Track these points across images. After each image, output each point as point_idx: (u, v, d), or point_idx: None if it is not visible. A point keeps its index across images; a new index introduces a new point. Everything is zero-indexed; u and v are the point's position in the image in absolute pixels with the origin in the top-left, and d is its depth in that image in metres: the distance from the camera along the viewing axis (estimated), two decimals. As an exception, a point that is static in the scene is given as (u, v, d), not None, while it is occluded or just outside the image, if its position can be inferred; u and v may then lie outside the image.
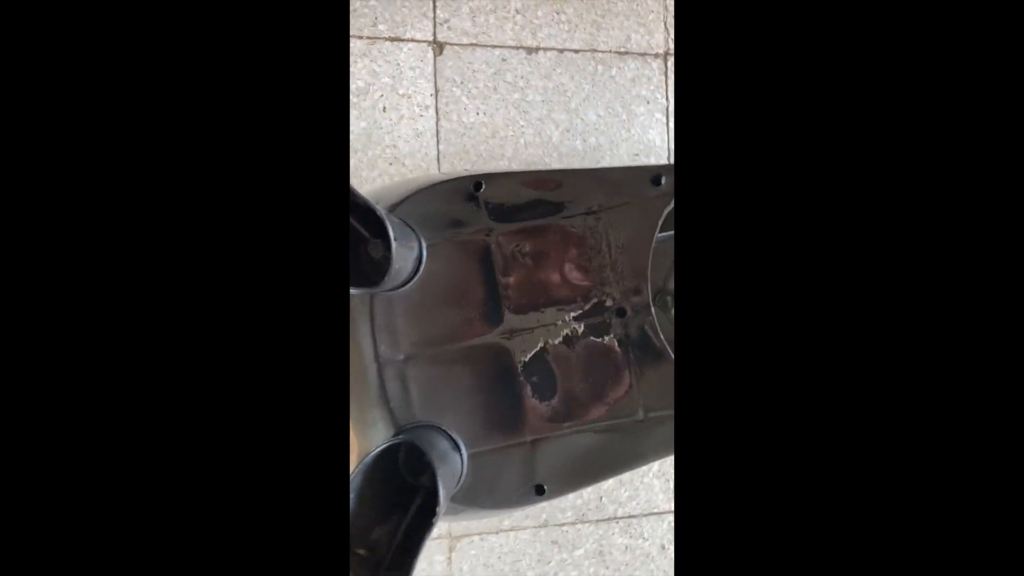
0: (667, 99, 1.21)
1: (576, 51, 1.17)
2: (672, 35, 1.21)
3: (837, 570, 0.36)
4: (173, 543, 0.35)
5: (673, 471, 1.25)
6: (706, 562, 0.37)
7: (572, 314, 0.76)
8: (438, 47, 1.12)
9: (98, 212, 0.35)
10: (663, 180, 0.75)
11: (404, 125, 1.11)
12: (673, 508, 1.24)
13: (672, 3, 1.21)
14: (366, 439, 0.76)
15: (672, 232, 0.90)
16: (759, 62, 0.40)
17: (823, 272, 0.38)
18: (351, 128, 1.08)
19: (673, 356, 0.78)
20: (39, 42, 0.35)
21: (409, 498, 0.68)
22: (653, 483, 1.23)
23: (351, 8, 1.08)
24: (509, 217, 0.76)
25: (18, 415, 0.34)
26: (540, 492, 0.76)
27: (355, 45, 1.08)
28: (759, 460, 0.38)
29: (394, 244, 0.61)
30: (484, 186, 0.76)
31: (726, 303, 0.39)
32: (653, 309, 0.77)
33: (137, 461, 0.35)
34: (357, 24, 1.08)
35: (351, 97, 1.08)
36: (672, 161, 1.21)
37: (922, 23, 0.38)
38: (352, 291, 0.67)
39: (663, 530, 1.23)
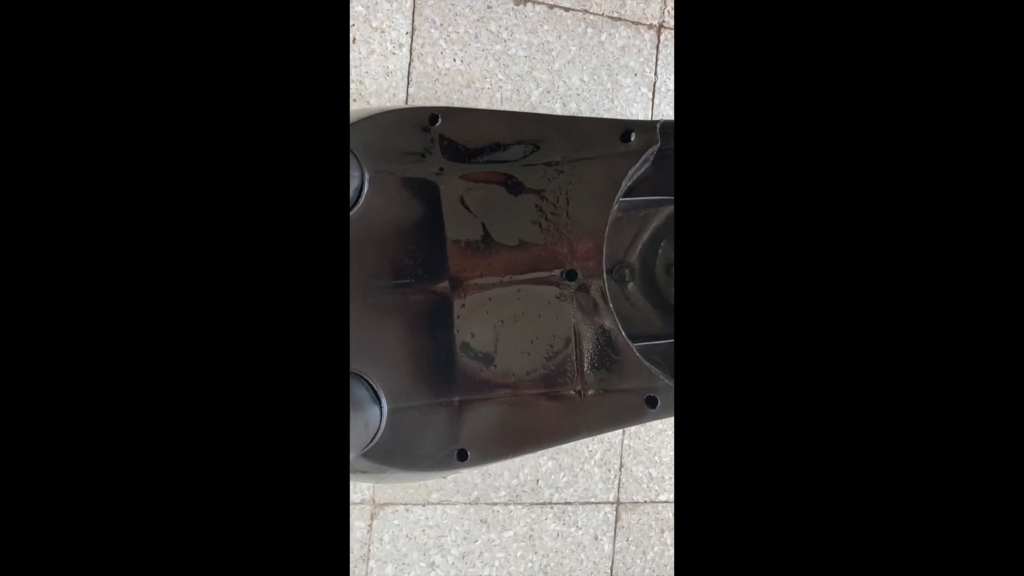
0: (655, 74, 1.16)
1: (567, 9, 1.11)
2: (669, 7, 1.15)
3: (836, 565, 0.36)
4: (167, 536, 0.35)
5: (620, 461, 1.20)
6: (706, 554, 0.37)
7: (520, 271, 0.71)
8: (420, -17, 1.05)
9: (88, 154, 0.35)
10: (633, 136, 0.70)
11: (374, 61, 1.03)
12: (613, 499, 1.20)
13: (673, -26, 1.16)
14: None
15: (638, 199, 0.85)
16: (762, 35, 0.39)
17: (828, 259, 0.37)
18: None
19: (622, 330, 0.73)
20: (37, 39, 0.35)
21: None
22: (594, 471, 1.18)
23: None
24: (464, 157, 0.70)
25: (17, 414, 0.34)
26: (462, 457, 0.70)
27: (330, -34, 1.00)
28: (759, 452, 0.37)
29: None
30: (440, 120, 0.70)
31: (727, 287, 0.38)
32: (607, 278, 0.72)
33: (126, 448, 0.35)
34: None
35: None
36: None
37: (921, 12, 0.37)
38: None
39: (598, 520, 1.18)
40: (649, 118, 1.17)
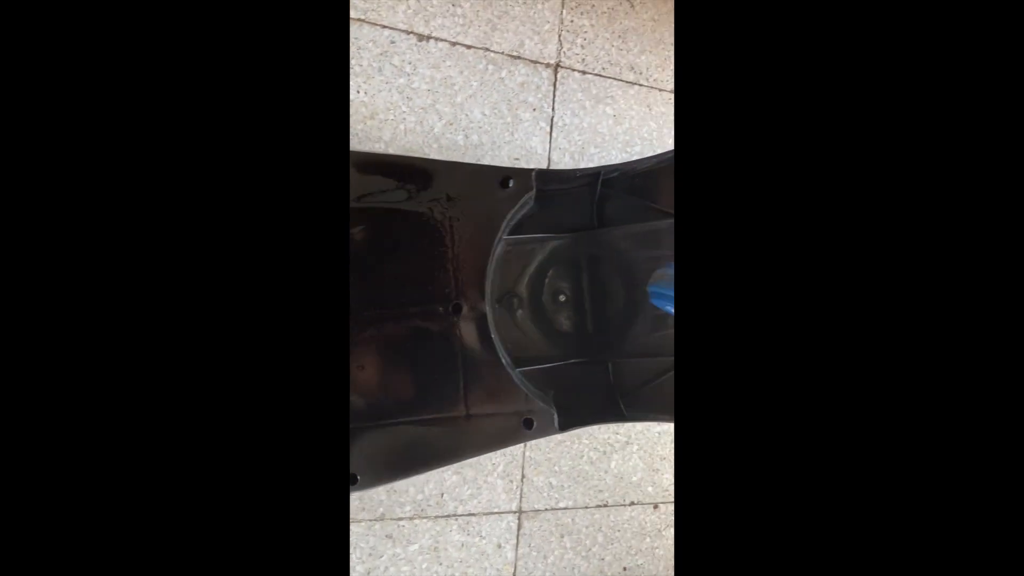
0: (553, 109, 1.23)
1: (468, 47, 1.17)
2: (565, 48, 1.23)
3: (834, 568, 0.36)
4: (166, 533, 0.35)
5: (522, 472, 1.27)
6: (706, 557, 0.37)
7: (408, 303, 0.75)
8: (323, 16, 1.08)
9: (90, 135, 0.35)
10: (511, 183, 0.76)
11: (277, 91, 1.05)
12: (515, 508, 1.26)
13: (568, 18, 1.24)
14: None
15: (524, 236, 0.91)
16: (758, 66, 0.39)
17: (824, 274, 0.37)
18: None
19: (503, 358, 0.78)
20: (39, 39, 0.35)
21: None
22: (496, 483, 1.24)
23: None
24: (351, 197, 0.74)
25: (20, 416, 0.34)
26: (352, 482, 0.74)
27: (230, -2, 1.01)
28: (758, 458, 0.37)
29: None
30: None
31: (725, 303, 0.38)
32: (491, 309, 0.78)
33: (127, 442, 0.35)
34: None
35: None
36: (549, 168, 1.22)
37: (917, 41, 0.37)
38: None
39: (501, 529, 1.25)
40: (547, 150, 1.25)
